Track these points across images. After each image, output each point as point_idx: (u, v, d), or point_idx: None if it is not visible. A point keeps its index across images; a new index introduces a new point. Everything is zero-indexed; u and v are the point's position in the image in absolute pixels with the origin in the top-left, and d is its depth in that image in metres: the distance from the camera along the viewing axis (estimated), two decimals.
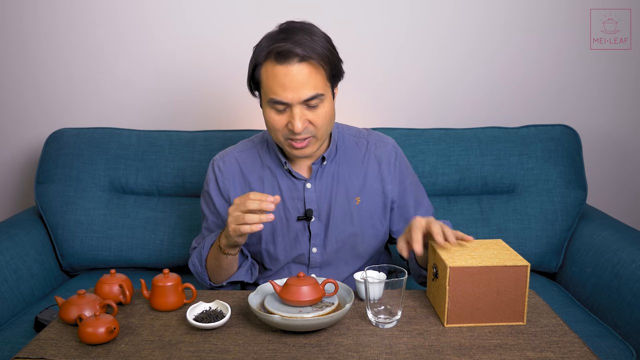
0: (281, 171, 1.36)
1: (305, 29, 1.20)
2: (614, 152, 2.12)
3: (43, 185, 1.85)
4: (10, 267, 1.61)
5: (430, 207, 1.47)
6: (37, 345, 1.01)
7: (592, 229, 1.74)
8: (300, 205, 1.35)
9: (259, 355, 0.96)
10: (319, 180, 1.35)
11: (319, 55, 1.18)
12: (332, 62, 1.22)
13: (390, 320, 1.05)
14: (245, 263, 1.35)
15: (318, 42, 1.19)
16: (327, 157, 1.34)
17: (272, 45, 1.18)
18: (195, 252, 1.36)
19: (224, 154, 1.40)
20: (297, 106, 1.19)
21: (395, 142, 1.43)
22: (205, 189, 1.41)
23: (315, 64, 1.18)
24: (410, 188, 1.41)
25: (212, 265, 1.31)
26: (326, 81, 1.22)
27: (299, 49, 1.16)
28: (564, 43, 2.03)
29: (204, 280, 1.35)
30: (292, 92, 1.18)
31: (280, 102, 1.20)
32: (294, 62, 1.17)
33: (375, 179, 1.37)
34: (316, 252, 1.36)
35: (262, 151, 1.38)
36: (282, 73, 1.17)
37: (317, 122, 1.22)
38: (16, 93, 2.09)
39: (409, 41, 2.02)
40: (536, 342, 1.00)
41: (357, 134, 1.42)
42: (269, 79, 1.20)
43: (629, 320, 1.45)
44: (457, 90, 2.06)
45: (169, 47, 2.04)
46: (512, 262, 1.05)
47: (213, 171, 1.39)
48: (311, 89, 1.18)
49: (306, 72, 1.18)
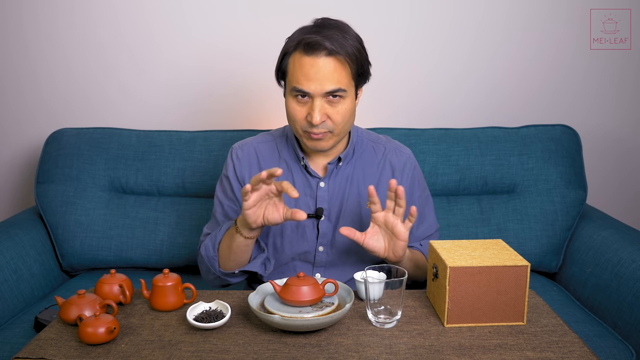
0: (297, 166, 1.37)
1: (339, 26, 1.23)
2: (614, 152, 2.12)
3: (43, 185, 1.85)
4: (10, 267, 1.61)
5: (434, 225, 1.45)
6: (37, 345, 1.01)
7: (592, 229, 1.74)
8: (312, 202, 1.35)
9: (259, 355, 0.96)
10: (333, 180, 1.36)
11: (347, 52, 1.20)
12: (359, 61, 1.24)
13: (390, 320, 1.05)
14: (260, 255, 1.34)
15: (349, 40, 1.21)
16: (343, 158, 1.35)
17: (303, 36, 1.21)
18: (209, 237, 1.35)
19: (242, 143, 1.42)
20: (318, 98, 1.21)
21: (413, 155, 1.44)
22: (224, 173, 1.42)
23: (342, 60, 1.20)
24: (417, 202, 1.40)
25: (225, 249, 1.29)
26: (351, 79, 1.23)
27: (328, 42, 1.18)
28: (564, 43, 2.03)
29: (213, 266, 1.32)
30: (315, 83, 1.20)
31: (303, 91, 1.21)
32: (321, 54, 1.19)
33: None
34: (322, 251, 1.36)
35: (281, 145, 1.40)
36: (309, 64, 1.20)
37: (336, 119, 1.24)
38: (16, 93, 2.09)
39: (409, 42, 2.02)
40: (536, 342, 1.00)
41: (376, 139, 1.43)
42: (296, 68, 1.22)
43: (629, 320, 1.45)
44: (458, 91, 2.06)
45: (169, 47, 2.04)
46: (512, 262, 1.05)
47: (231, 158, 1.41)
48: (335, 82, 1.20)
49: (332, 66, 1.20)
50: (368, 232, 1.22)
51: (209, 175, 1.82)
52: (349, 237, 1.21)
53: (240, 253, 1.28)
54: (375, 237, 1.22)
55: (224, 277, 1.34)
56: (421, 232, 1.42)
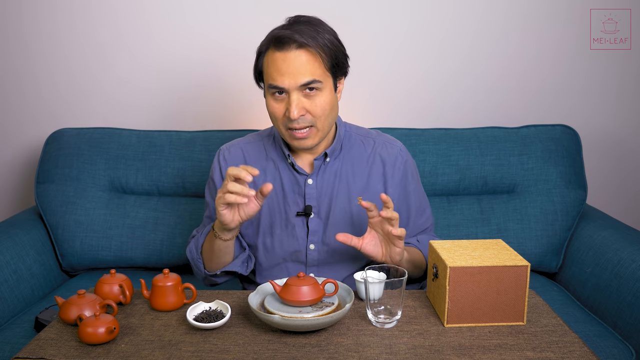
0: (284, 164, 1.36)
1: (311, 21, 1.24)
2: (614, 152, 2.12)
3: (43, 185, 1.85)
4: (10, 267, 1.61)
5: (430, 220, 1.45)
6: (37, 345, 1.01)
7: (592, 229, 1.74)
8: (300, 200, 1.35)
9: (259, 355, 0.96)
10: (321, 176, 1.35)
11: (318, 44, 1.21)
12: (333, 52, 1.23)
13: (390, 320, 1.05)
14: (242, 255, 1.35)
15: (321, 33, 1.22)
16: (330, 154, 1.34)
17: (273, 32, 1.22)
18: (193, 240, 1.38)
19: (230, 145, 1.43)
20: (294, 92, 1.21)
21: (405, 147, 1.43)
22: (211, 175, 1.43)
23: (313, 52, 1.20)
24: (413, 195, 1.40)
25: (207, 250, 1.31)
26: (325, 70, 1.23)
27: (297, 35, 1.19)
28: (563, 43, 2.03)
29: (198, 268, 1.35)
30: (288, 77, 1.20)
31: (278, 87, 1.22)
32: (291, 48, 1.19)
33: (379, 179, 1.37)
34: (313, 249, 1.35)
35: (268, 144, 1.40)
36: (280, 59, 1.20)
37: (315, 112, 1.23)
38: (17, 93, 2.09)
39: (407, 40, 2.02)
40: (536, 342, 1.00)
41: (365, 133, 1.42)
42: (269, 65, 1.23)
43: (629, 320, 1.45)
44: (457, 90, 2.06)
45: (170, 47, 2.04)
46: (512, 262, 1.05)
47: (218, 160, 1.41)
48: (308, 74, 1.20)
49: (304, 59, 1.20)
50: (365, 238, 1.22)
51: (208, 175, 1.82)
52: (345, 243, 1.21)
53: (221, 255, 1.30)
54: (373, 242, 1.22)
55: (210, 278, 1.36)
56: (420, 225, 1.42)
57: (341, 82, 1.31)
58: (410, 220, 1.40)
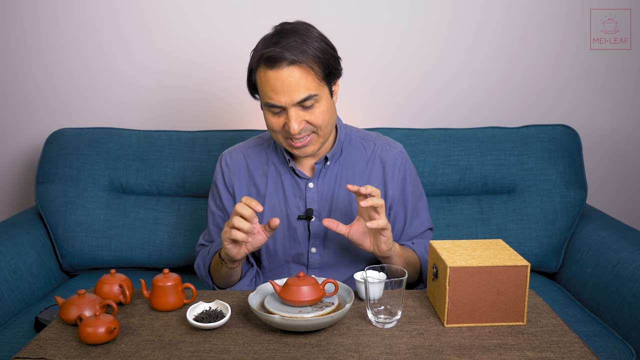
0: (285, 169, 1.37)
1: (298, 30, 1.21)
2: (614, 152, 2.12)
3: (43, 185, 1.85)
4: (10, 267, 1.61)
5: (427, 223, 1.44)
6: (37, 345, 1.01)
7: (592, 229, 1.74)
8: (301, 204, 1.35)
9: (259, 355, 0.96)
10: (322, 180, 1.35)
11: (309, 57, 1.19)
12: (324, 62, 1.22)
13: (390, 320, 1.05)
14: (250, 272, 1.37)
15: (310, 43, 1.19)
16: (330, 158, 1.35)
17: (263, 51, 1.19)
18: (200, 255, 1.39)
19: (232, 149, 1.43)
20: (291, 108, 1.21)
21: (405, 150, 1.43)
22: (214, 180, 1.44)
23: (305, 67, 1.19)
24: (410, 197, 1.40)
25: (215, 270, 1.33)
26: (319, 81, 1.22)
27: (288, 52, 1.17)
28: (564, 43, 2.03)
29: (207, 284, 1.39)
30: (284, 95, 1.19)
31: (275, 105, 1.21)
32: (283, 66, 1.18)
33: (379, 181, 1.37)
34: (315, 253, 1.36)
35: (269, 148, 1.40)
36: (273, 77, 1.19)
37: (316, 121, 1.23)
38: (16, 93, 2.09)
39: (407, 40, 2.02)
40: (536, 342, 1.00)
41: (365, 136, 1.42)
42: (263, 83, 1.22)
43: (629, 320, 1.45)
44: (457, 90, 2.06)
45: (169, 47, 2.04)
46: (512, 262, 1.05)
47: (220, 165, 1.42)
48: (303, 90, 1.19)
49: (297, 75, 1.18)
50: (353, 225, 1.22)
51: (209, 175, 1.82)
52: (330, 228, 1.21)
53: (228, 276, 1.31)
54: (361, 230, 1.22)
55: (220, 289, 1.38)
56: (414, 229, 1.41)
57: (336, 85, 1.31)
58: (407, 222, 1.40)
